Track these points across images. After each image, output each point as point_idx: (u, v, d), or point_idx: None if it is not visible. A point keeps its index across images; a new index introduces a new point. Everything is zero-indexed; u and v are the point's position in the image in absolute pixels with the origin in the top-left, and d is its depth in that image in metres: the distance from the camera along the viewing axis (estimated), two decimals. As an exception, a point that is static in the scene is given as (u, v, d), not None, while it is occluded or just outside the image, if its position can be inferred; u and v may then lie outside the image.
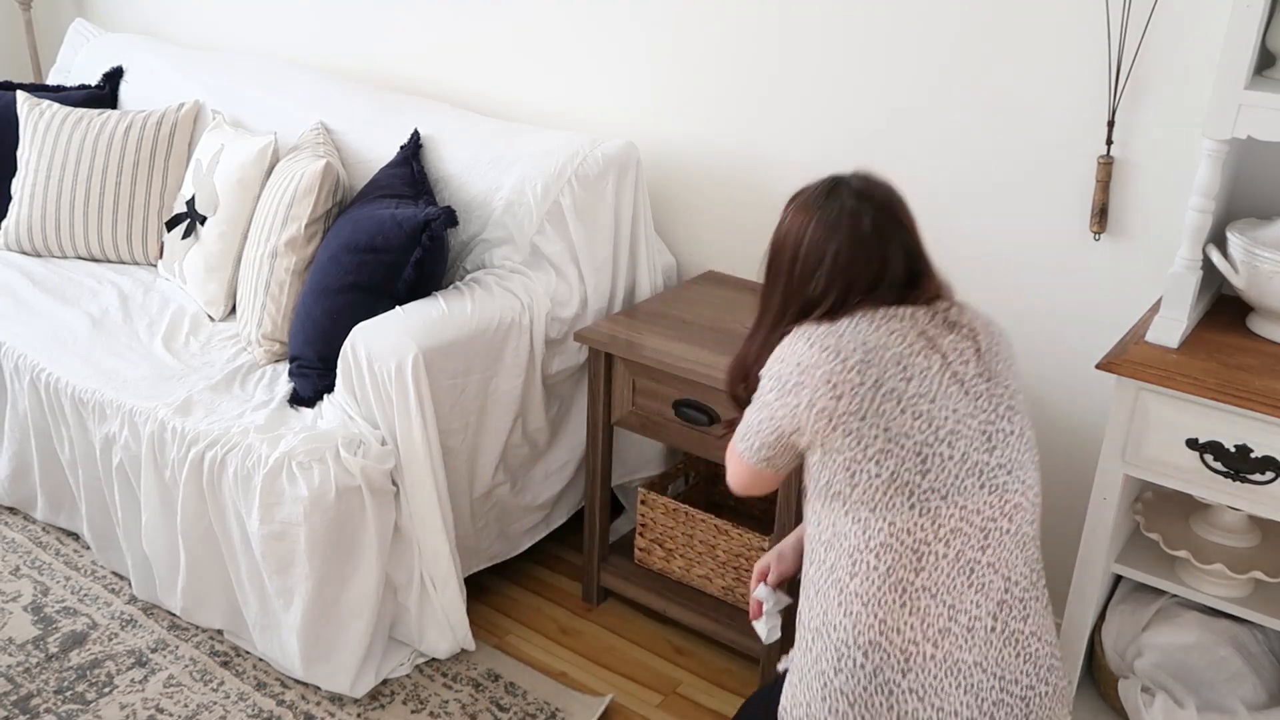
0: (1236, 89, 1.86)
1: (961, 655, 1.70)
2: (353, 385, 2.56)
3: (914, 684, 1.68)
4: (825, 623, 1.72)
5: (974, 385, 1.73)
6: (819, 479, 1.73)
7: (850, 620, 1.69)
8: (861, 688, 1.68)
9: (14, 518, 3.20)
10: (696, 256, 3.13)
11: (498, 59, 3.34)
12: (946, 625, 1.69)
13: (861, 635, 1.68)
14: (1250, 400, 1.84)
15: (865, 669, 1.68)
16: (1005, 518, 1.72)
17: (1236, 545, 2.16)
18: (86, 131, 3.47)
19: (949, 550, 1.69)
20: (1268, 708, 2.15)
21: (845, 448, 1.69)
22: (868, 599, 1.68)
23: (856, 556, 1.69)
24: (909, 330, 1.73)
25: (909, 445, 1.67)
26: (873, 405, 1.67)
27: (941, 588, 1.69)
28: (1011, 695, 1.72)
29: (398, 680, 2.65)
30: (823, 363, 1.70)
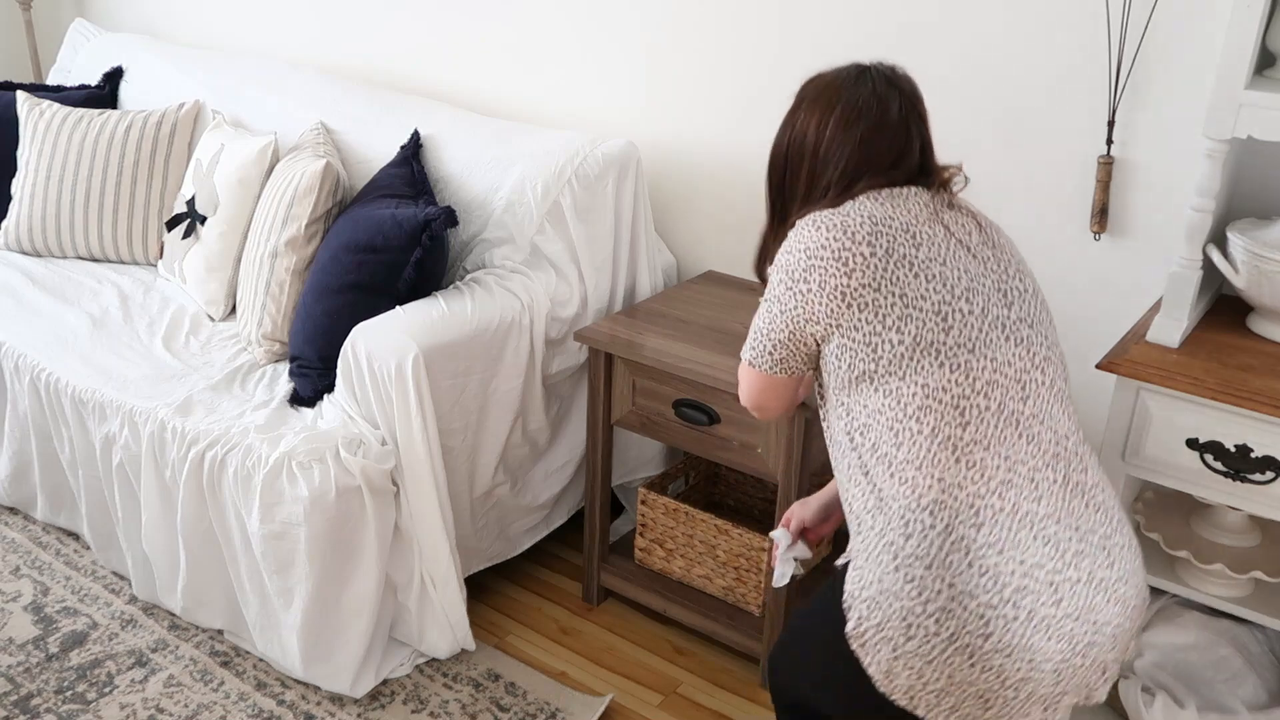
0: (1237, 89, 1.86)
1: (1030, 507, 1.64)
2: (353, 385, 2.56)
3: (989, 538, 1.62)
4: (880, 499, 1.68)
5: (980, 250, 1.75)
6: (839, 368, 1.72)
7: (908, 487, 1.65)
8: (936, 548, 1.62)
9: (14, 518, 3.20)
10: (696, 256, 3.13)
11: (498, 59, 3.34)
12: (1007, 477, 1.65)
13: (924, 497, 1.64)
14: (1250, 400, 1.84)
15: (936, 529, 1.63)
16: (1037, 370, 1.71)
17: (1237, 545, 2.16)
18: (87, 131, 3.47)
19: (990, 402, 1.67)
20: (1268, 708, 2.15)
21: (863, 323, 1.68)
22: (920, 462, 1.65)
23: (897, 427, 1.67)
24: (913, 204, 1.76)
25: (927, 307, 1.67)
26: (886, 274, 1.68)
27: (992, 440, 1.66)
28: (1089, 545, 1.65)
29: (398, 680, 2.65)
30: (830, 242, 1.70)
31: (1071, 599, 1.61)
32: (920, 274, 1.69)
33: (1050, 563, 1.61)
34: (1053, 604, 1.60)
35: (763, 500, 3.08)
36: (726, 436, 2.52)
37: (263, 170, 3.11)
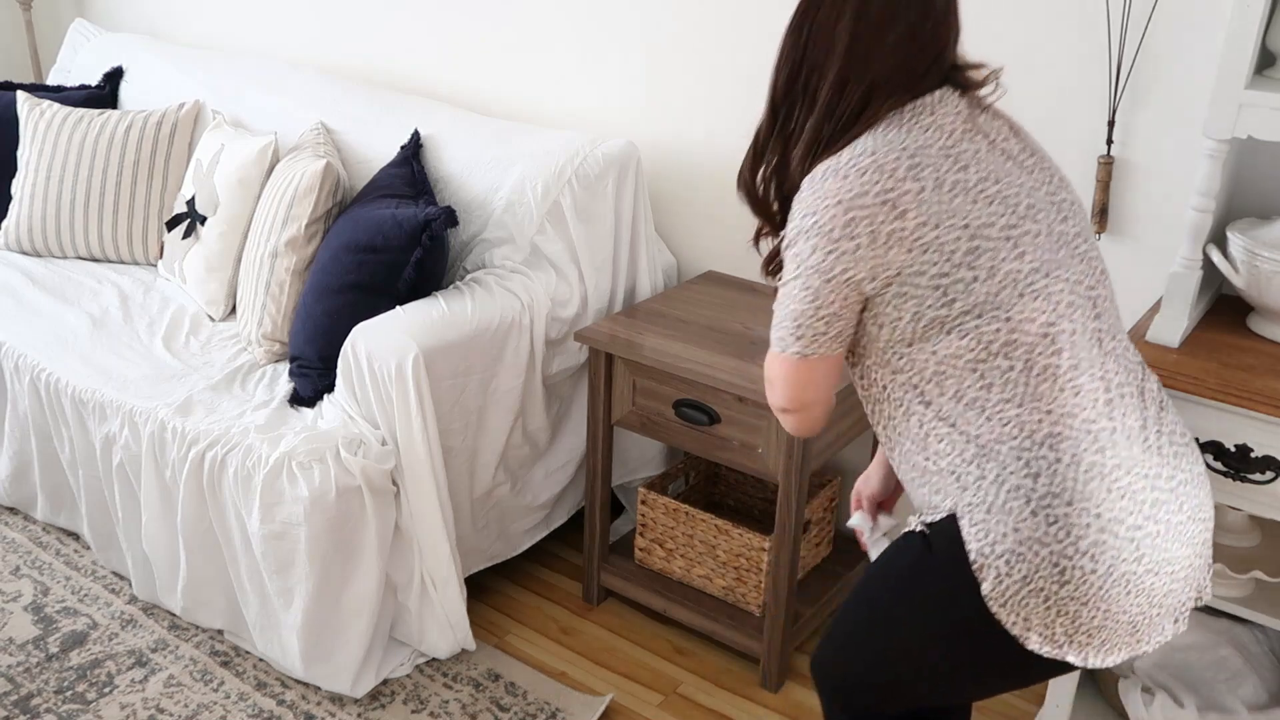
0: (1237, 88, 1.86)
1: (1131, 421, 1.58)
2: (353, 385, 2.56)
3: (1115, 459, 1.55)
4: (981, 448, 1.56)
5: (1024, 160, 1.62)
6: (898, 320, 1.57)
7: (1013, 427, 1.55)
8: (1073, 480, 1.53)
9: (14, 518, 3.21)
10: (696, 256, 3.13)
11: (498, 59, 3.34)
12: (1108, 396, 1.57)
13: (1036, 433, 1.54)
14: (1250, 400, 1.84)
15: (1063, 461, 1.53)
16: (1100, 284, 1.63)
17: (1237, 545, 2.16)
18: (87, 131, 3.47)
19: (1073, 325, 1.56)
20: (1268, 708, 2.15)
21: (929, 264, 1.53)
22: (1021, 399, 1.55)
23: (981, 368, 1.55)
24: (945, 118, 1.57)
25: (995, 234, 1.53)
26: (943, 206, 1.52)
27: (1084, 361, 1.56)
28: (1177, 444, 1.62)
29: (398, 680, 2.65)
30: (870, 186, 1.52)
31: (1190, 501, 1.59)
32: (979, 199, 1.53)
33: (1166, 471, 1.58)
34: (1177, 509, 1.57)
35: (763, 500, 3.08)
36: (727, 436, 2.52)
37: (263, 170, 3.11)
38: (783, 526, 2.52)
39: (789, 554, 2.54)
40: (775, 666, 2.65)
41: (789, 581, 2.57)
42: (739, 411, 2.47)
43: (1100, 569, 1.51)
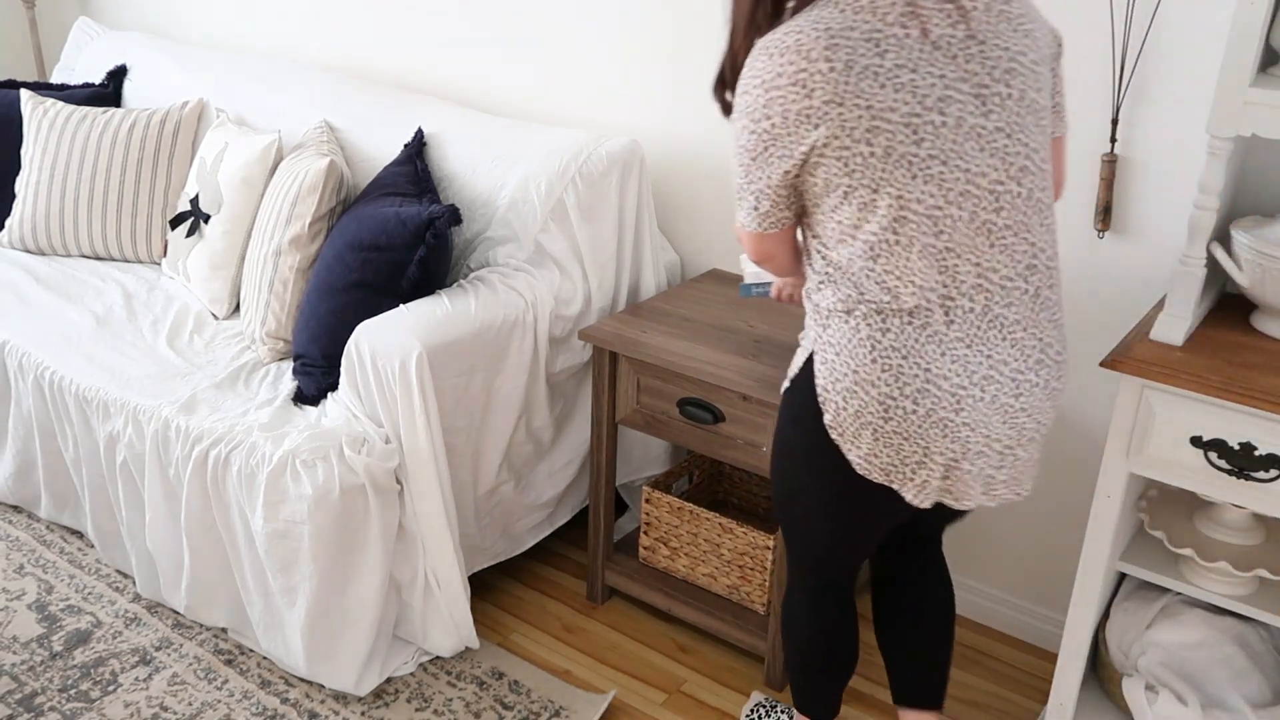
0: (1241, 86, 1.86)
1: (1001, 311, 1.75)
2: (357, 383, 2.56)
3: (959, 333, 1.74)
4: (861, 298, 1.74)
5: (962, 49, 1.68)
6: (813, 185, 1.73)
7: (883, 291, 1.73)
8: (913, 341, 1.73)
9: (18, 516, 3.21)
10: (700, 254, 3.13)
11: (501, 57, 3.34)
12: (978, 282, 1.73)
13: (904, 301, 1.72)
14: (1254, 398, 1.84)
15: (913, 325, 1.73)
16: (1013, 181, 1.72)
17: (1240, 543, 2.16)
18: (90, 130, 3.47)
19: (962, 212, 1.70)
20: (1272, 705, 2.15)
21: (831, 137, 1.66)
22: (899, 271, 1.71)
23: (872, 239, 1.71)
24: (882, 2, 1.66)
25: (896, 119, 1.65)
26: (849, 86, 1.64)
27: (964, 248, 1.71)
28: (1048, 357, 1.80)
29: (402, 678, 2.66)
30: (785, 67, 1.66)
31: (1029, 395, 1.78)
32: (887, 83, 1.64)
33: (1015, 362, 1.76)
34: (1013, 396, 1.76)
35: (767, 499, 3.08)
36: (731, 435, 2.52)
37: (266, 168, 3.11)
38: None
39: (792, 552, 2.54)
40: (780, 664, 2.65)
41: (792, 580, 2.56)
42: (743, 410, 2.47)
43: (920, 410, 1.73)
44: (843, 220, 1.72)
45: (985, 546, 2.87)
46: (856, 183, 1.68)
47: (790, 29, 1.67)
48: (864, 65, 1.64)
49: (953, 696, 2.69)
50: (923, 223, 1.69)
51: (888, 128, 1.64)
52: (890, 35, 1.65)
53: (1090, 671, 2.39)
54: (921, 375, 1.73)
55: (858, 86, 1.63)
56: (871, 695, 2.68)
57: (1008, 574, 2.87)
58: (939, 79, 1.66)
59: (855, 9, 1.66)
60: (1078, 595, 2.17)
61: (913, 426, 1.74)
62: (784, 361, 2.48)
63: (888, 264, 1.71)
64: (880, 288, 1.72)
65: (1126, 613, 2.30)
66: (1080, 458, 2.65)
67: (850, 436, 1.78)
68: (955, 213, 1.69)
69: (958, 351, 1.73)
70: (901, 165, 1.66)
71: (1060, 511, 2.73)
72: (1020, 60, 1.71)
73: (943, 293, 1.72)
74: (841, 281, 1.76)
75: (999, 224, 1.72)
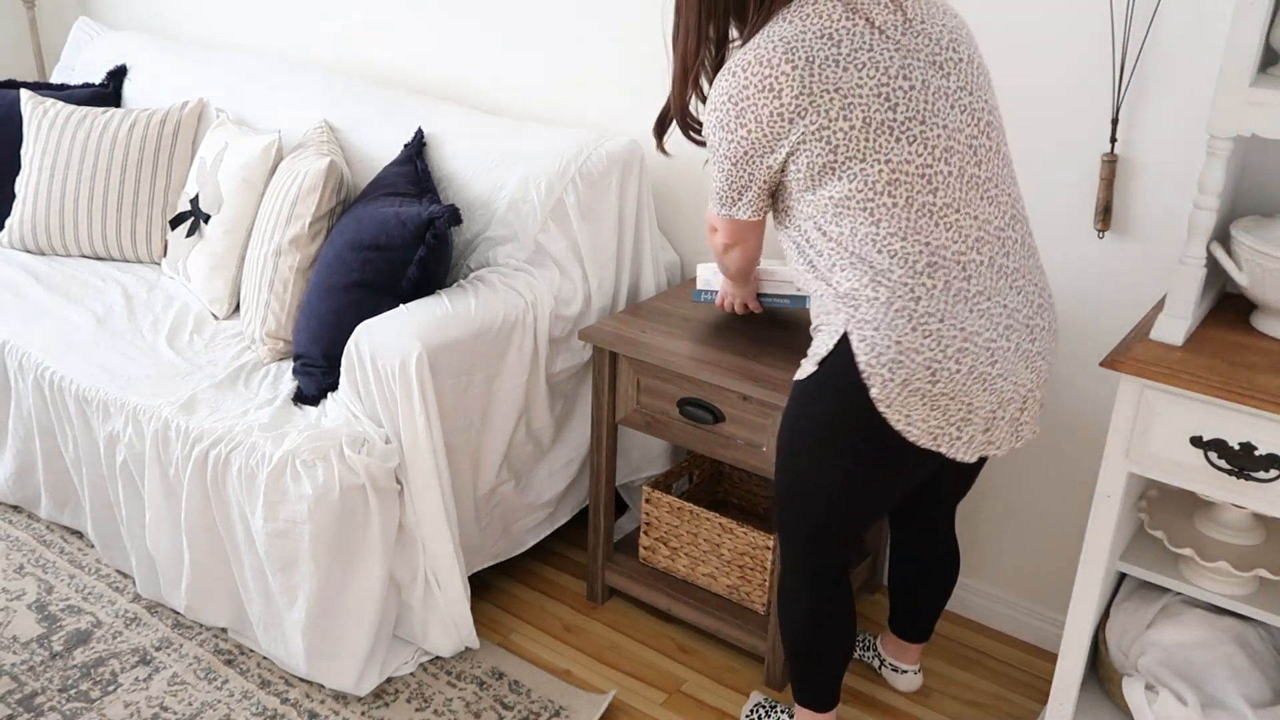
0: (1241, 87, 1.86)
1: (1004, 261, 1.89)
2: (357, 383, 2.56)
3: (979, 287, 1.86)
4: (874, 276, 1.84)
5: (907, 29, 1.84)
6: (799, 174, 1.85)
7: (898, 260, 1.83)
8: (944, 303, 1.83)
9: (18, 516, 3.21)
10: (700, 254, 3.13)
11: (501, 58, 3.34)
12: (980, 235, 1.86)
13: (918, 262, 1.83)
14: (1254, 398, 1.84)
15: (938, 287, 1.83)
16: (983, 135, 1.87)
17: (1240, 543, 2.16)
18: (90, 130, 3.47)
19: (950, 167, 1.83)
20: (1272, 705, 2.15)
21: (811, 123, 1.79)
22: (905, 233, 1.82)
23: (870, 205, 1.82)
24: (823, 5, 1.82)
25: (866, 92, 1.78)
26: (813, 77, 1.78)
27: (960, 202, 1.84)
28: (1045, 301, 1.96)
29: (402, 678, 2.66)
30: (751, 79, 1.81)
31: (1042, 340, 1.94)
32: (849, 66, 1.78)
33: (1025, 309, 1.91)
34: (1030, 342, 1.91)
35: (767, 499, 3.08)
36: (731, 435, 2.52)
37: (266, 168, 3.11)
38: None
39: (792, 552, 2.54)
40: (780, 664, 2.65)
41: (792, 580, 2.57)
42: (743, 410, 2.47)
43: (963, 369, 1.85)
44: (834, 194, 1.83)
45: (985, 546, 2.87)
46: (843, 157, 1.80)
47: (745, 50, 1.84)
48: (824, 57, 1.78)
49: (953, 696, 2.69)
50: (915, 182, 1.80)
51: (860, 102, 1.78)
52: (840, 29, 1.81)
53: (1090, 671, 2.39)
54: (959, 335, 1.84)
55: (821, 75, 1.78)
56: (871, 695, 2.68)
57: (1008, 574, 2.87)
58: (895, 53, 1.81)
59: (801, 17, 1.82)
60: (1078, 595, 2.17)
61: (958, 386, 1.85)
62: (784, 361, 2.48)
63: (890, 227, 1.82)
64: (889, 255, 1.82)
65: (1126, 613, 2.30)
66: (1080, 458, 2.65)
67: (899, 406, 1.86)
68: (944, 169, 1.82)
69: (981, 306, 1.85)
70: (883, 131, 1.79)
71: (1060, 511, 2.73)
72: (958, 34, 1.90)
73: (955, 249, 1.83)
74: (853, 259, 1.85)
75: (982, 177, 1.86)
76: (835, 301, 1.89)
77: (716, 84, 1.88)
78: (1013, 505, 2.80)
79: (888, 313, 1.83)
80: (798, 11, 1.83)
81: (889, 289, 1.83)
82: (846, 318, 1.87)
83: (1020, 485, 2.77)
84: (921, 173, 1.80)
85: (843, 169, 1.81)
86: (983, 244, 1.85)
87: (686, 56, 2.00)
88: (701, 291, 2.71)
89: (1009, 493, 2.79)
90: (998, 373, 1.87)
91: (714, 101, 1.88)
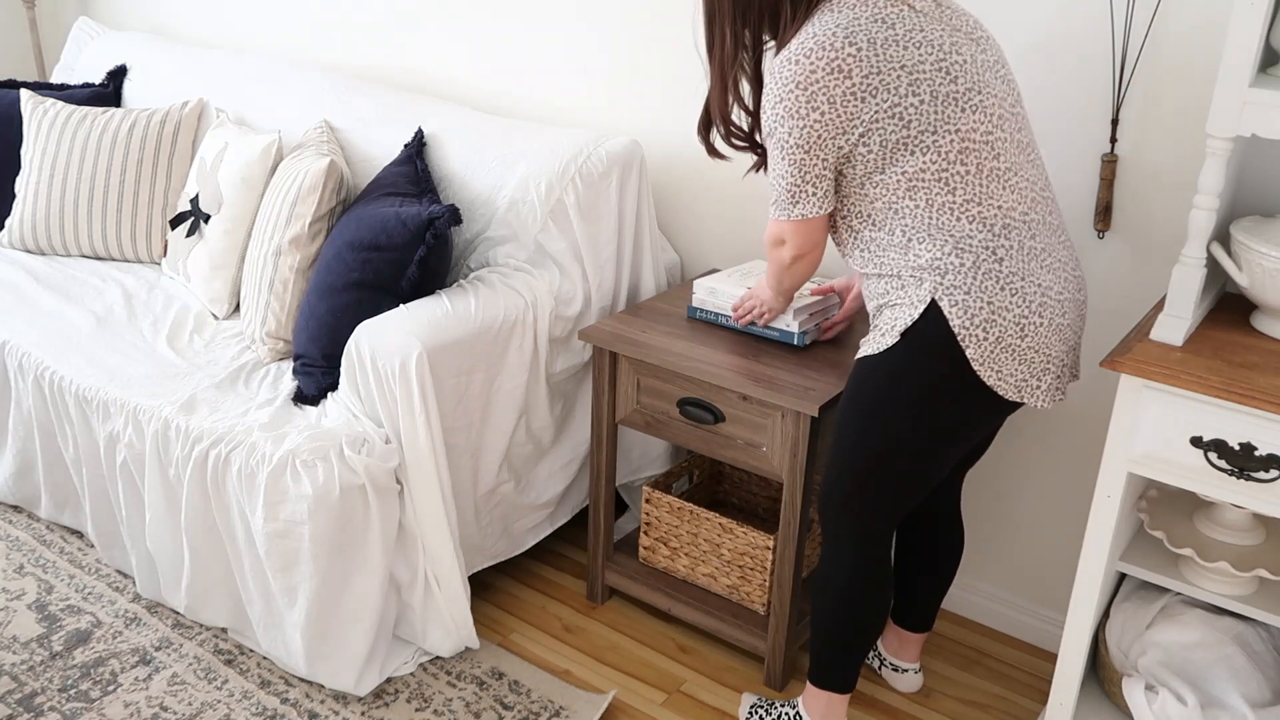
0: (1241, 87, 1.85)
1: (1051, 220, 2.04)
2: (357, 383, 2.56)
3: (1042, 244, 2.00)
4: (956, 244, 1.95)
5: (940, 12, 1.97)
6: (867, 155, 1.93)
7: (977, 224, 1.95)
8: (1022, 262, 1.97)
9: (18, 516, 3.21)
10: (700, 254, 3.13)
11: (501, 57, 3.34)
12: (1034, 196, 2.01)
13: (994, 224, 1.95)
14: (1254, 398, 1.84)
15: (1014, 247, 1.96)
16: (1019, 103, 2.03)
17: (1240, 543, 2.16)
18: (90, 129, 3.47)
19: (1005, 133, 1.96)
20: (1272, 705, 2.15)
21: (881, 102, 1.89)
22: (980, 198, 1.95)
23: (944, 175, 1.93)
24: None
25: (928, 67, 1.90)
26: (879, 56, 1.88)
27: (1016, 165, 1.98)
28: (1074, 250, 2.11)
29: (401, 678, 2.66)
30: (816, 63, 1.88)
31: (1081, 289, 2.09)
32: (908, 45, 1.89)
33: (1069, 264, 2.06)
34: (1076, 291, 2.06)
35: (767, 499, 3.08)
36: (731, 435, 2.52)
37: (266, 168, 3.11)
38: (787, 525, 2.52)
39: (793, 552, 2.54)
40: (780, 665, 2.65)
41: (793, 580, 2.57)
42: (743, 410, 2.47)
43: (1044, 322, 1.99)
44: (908, 170, 1.92)
45: (985, 546, 2.87)
46: (915, 131, 1.90)
47: (804, 36, 1.91)
48: (883, 38, 1.89)
49: (953, 696, 2.69)
50: (981, 149, 1.92)
51: (925, 77, 1.89)
52: (889, 13, 1.91)
53: (1090, 671, 2.39)
54: (1039, 291, 1.98)
55: (886, 54, 1.88)
56: (871, 695, 2.68)
57: (1008, 574, 2.87)
58: (941, 32, 1.93)
59: (847, 7, 1.92)
60: (1077, 595, 2.17)
61: (1041, 339, 1.99)
62: (783, 361, 2.48)
63: (966, 194, 1.93)
64: (968, 221, 1.94)
65: (1126, 613, 2.30)
66: (1080, 457, 2.65)
67: (991, 362, 1.97)
68: (1001, 135, 1.95)
69: (1047, 261, 2.00)
70: (950, 103, 1.90)
71: (1060, 511, 2.73)
72: (973, 19, 2.03)
73: (1021, 211, 1.97)
74: (931, 230, 1.96)
75: (1024, 142, 2.00)
76: (914, 274, 1.98)
77: (777, 76, 1.93)
78: (1013, 505, 2.80)
79: (976, 276, 1.94)
80: (837, 4, 1.92)
81: (973, 254, 1.94)
82: (933, 286, 1.96)
83: (1020, 485, 2.77)
84: (985, 139, 1.93)
85: (915, 143, 1.91)
86: (1037, 204, 1.99)
87: (724, 64, 2.08)
88: (698, 309, 2.70)
89: (1009, 493, 2.79)
90: (1067, 323, 2.03)
91: (779, 92, 1.93)
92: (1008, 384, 1.99)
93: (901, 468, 2.13)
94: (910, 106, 1.89)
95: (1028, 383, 2.01)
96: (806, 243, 2.09)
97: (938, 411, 2.05)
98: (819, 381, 2.42)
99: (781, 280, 2.25)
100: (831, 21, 1.90)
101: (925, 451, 2.11)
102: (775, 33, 2.02)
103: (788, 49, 1.92)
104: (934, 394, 2.02)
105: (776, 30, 2.02)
